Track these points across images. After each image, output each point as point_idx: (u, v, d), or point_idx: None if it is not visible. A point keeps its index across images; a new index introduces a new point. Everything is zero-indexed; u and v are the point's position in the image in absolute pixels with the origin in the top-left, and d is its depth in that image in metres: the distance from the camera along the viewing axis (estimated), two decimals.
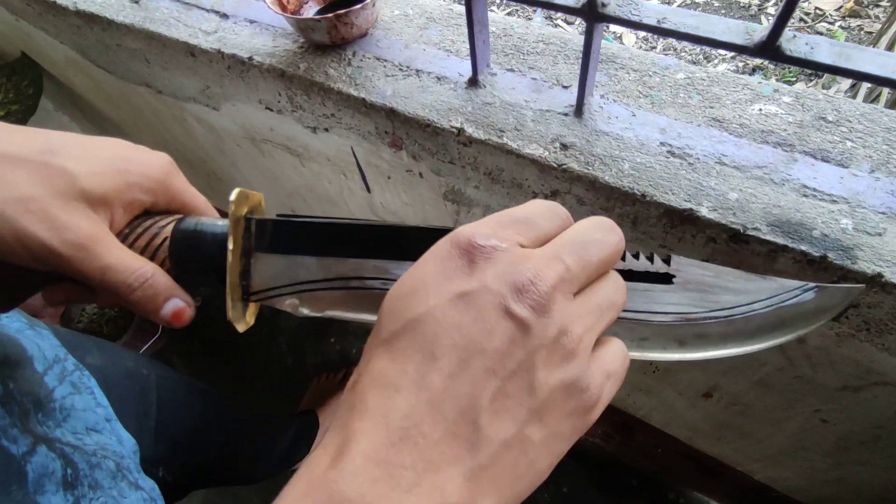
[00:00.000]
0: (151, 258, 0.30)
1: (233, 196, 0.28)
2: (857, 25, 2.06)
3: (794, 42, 0.35)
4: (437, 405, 0.20)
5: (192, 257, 0.30)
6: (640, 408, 0.92)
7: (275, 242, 0.29)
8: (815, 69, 0.35)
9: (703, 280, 0.27)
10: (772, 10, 2.15)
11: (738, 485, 0.92)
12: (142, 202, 0.31)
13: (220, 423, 0.81)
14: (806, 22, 2.10)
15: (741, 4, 2.25)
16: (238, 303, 0.29)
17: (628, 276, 0.27)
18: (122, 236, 0.30)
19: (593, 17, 0.41)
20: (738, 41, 0.37)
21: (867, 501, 0.71)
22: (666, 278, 0.27)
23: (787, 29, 0.35)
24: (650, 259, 0.28)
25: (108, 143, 0.31)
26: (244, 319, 0.30)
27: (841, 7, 2.10)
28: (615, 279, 0.25)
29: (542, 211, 0.25)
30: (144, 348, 1.43)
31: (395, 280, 0.25)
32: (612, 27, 2.15)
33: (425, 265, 0.23)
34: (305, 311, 0.29)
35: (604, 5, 0.40)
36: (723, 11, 2.25)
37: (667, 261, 0.28)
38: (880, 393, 0.50)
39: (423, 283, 0.23)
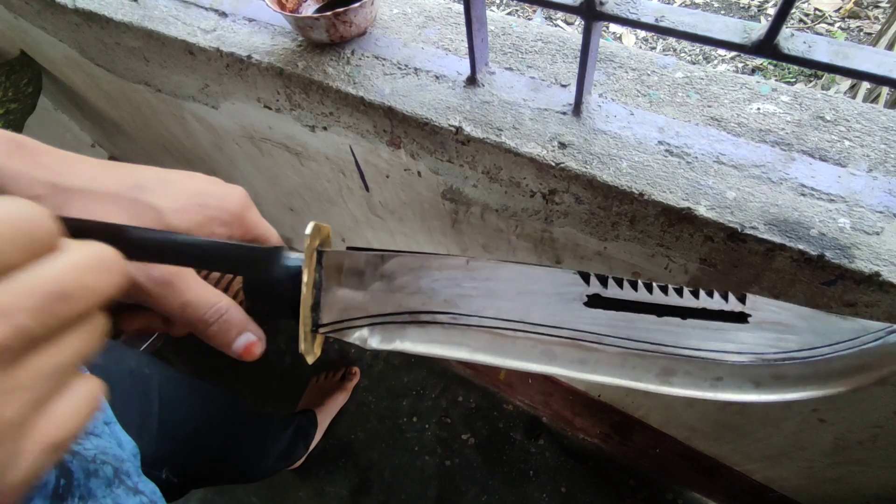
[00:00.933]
0: (226, 290, 0.32)
1: (308, 230, 0.29)
2: (857, 26, 2.06)
3: (792, 41, 0.35)
4: None
5: (267, 291, 0.30)
6: (639, 408, 0.92)
7: (347, 275, 0.30)
8: (813, 68, 0.35)
9: (780, 320, 0.26)
10: (771, 11, 2.15)
11: (737, 485, 0.92)
12: (219, 235, 0.32)
13: (221, 422, 0.81)
14: (805, 23, 2.10)
15: (741, 5, 2.25)
16: (309, 335, 0.30)
17: (702, 314, 0.26)
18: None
19: (592, 15, 0.41)
20: (736, 40, 0.37)
21: (865, 501, 0.71)
22: (741, 317, 0.26)
23: (784, 27, 0.35)
24: (724, 297, 0.27)
25: (189, 178, 0.32)
26: (313, 351, 0.31)
27: (840, 8, 2.11)
28: (87, 331, 0.19)
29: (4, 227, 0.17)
30: (144, 347, 1.42)
31: (465, 315, 0.25)
32: (612, 27, 2.15)
33: None
34: (374, 344, 0.29)
35: (602, 3, 0.40)
36: (722, 12, 2.25)
37: (742, 299, 0.27)
38: (878, 392, 0.50)
39: None
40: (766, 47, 0.36)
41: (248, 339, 0.31)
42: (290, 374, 1.47)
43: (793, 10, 2.13)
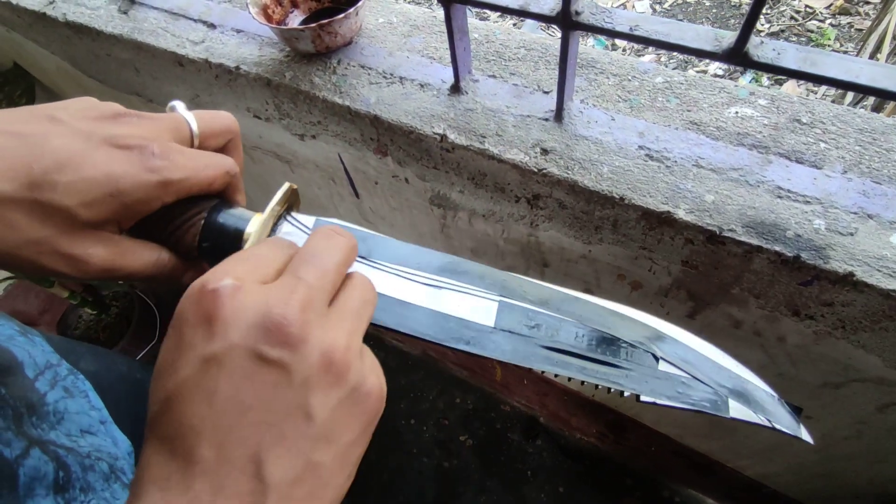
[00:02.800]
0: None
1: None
2: (848, 23, 2.07)
3: (762, 48, 0.36)
4: (214, 479, 0.20)
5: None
6: (632, 406, 0.93)
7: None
8: (782, 74, 0.36)
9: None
10: (764, 10, 2.16)
11: (730, 481, 0.92)
12: (150, 208, 0.29)
13: None
14: (797, 20, 2.11)
15: (732, 4, 2.26)
16: None
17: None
18: (157, 221, 0.30)
19: (568, 25, 0.41)
20: (708, 48, 0.37)
21: (854, 495, 0.72)
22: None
23: (754, 35, 0.36)
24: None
25: (92, 157, 0.28)
26: None
27: (831, 5, 2.12)
28: (359, 279, 0.26)
29: (267, 247, 0.26)
30: (141, 354, 1.43)
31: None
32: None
33: (168, 338, 0.23)
34: None
35: (578, 14, 0.41)
36: (714, 10, 2.26)
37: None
38: (859, 389, 0.50)
39: (169, 357, 0.22)
40: (737, 55, 0.36)
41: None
42: None
43: (783, 8, 2.14)
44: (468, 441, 1.32)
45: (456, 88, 0.53)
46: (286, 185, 0.32)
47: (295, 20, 0.61)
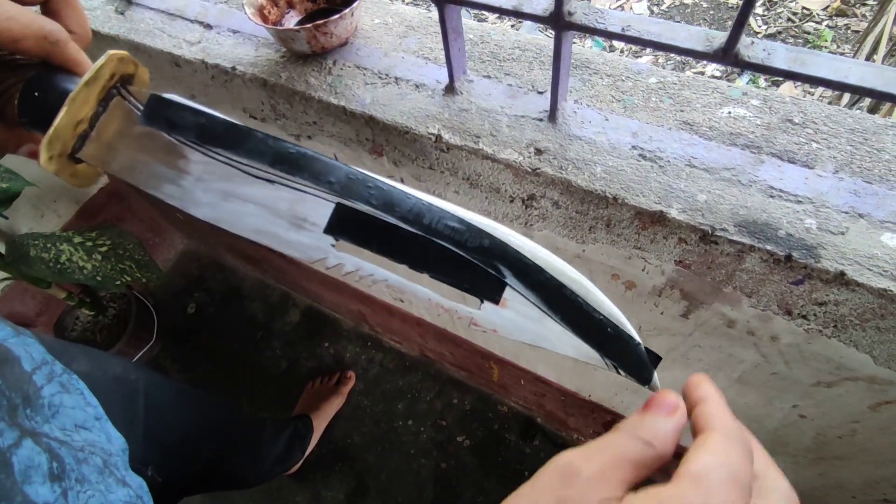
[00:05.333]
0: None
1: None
2: (844, 24, 2.07)
3: (752, 48, 0.36)
4: None
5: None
6: (629, 406, 0.93)
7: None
8: (773, 74, 0.36)
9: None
10: (759, 10, 2.17)
11: None
12: None
13: (212, 428, 0.82)
14: (793, 21, 2.12)
15: (729, 5, 2.27)
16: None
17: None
18: None
19: (560, 25, 0.42)
20: (699, 48, 0.38)
21: (850, 495, 0.72)
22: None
23: (744, 35, 0.36)
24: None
25: None
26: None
27: (828, 6, 2.12)
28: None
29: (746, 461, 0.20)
30: (139, 355, 1.43)
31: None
32: None
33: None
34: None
35: (570, 14, 0.41)
36: (711, 12, 2.26)
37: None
38: (852, 388, 0.51)
39: None
40: (728, 55, 0.37)
41: (30, 149, 0.32)
42: (285, 379, 1.48)
43: (780, 10, 2.14)
44: (466, 442, 1.32)
45: (451, 89, 0.54)
46: (110, 52, 0.29)
47: (291, 21, 0.61)
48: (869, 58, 1.54)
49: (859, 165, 0.44)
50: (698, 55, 0.38)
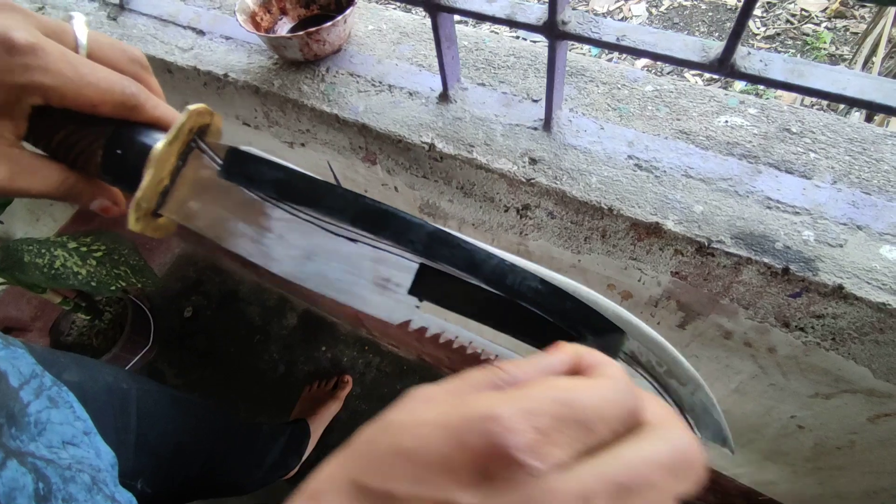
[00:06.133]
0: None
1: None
2: (843, 26, 2.07)
3: (749, 59, 0.36)
4: None
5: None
6: None
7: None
8: (769, 86, 0.35)
9: None
10: (758, 12, 2.16)
11: (726, 489, 0.92)
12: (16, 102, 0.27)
13: (206, 434, 0.81)
14: (792, 23, 2.11)
15: (728, 7, 2.26)
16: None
17: None
18: (50, 142, 0.29)
19: (555, 34, 0.41)
20: (695, 58, 0.37)
21: None
22: None
23: (740, 45, 0.35)
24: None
25: None
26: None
27: (827, 8, 2.12)
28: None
29: (612, 405, 0.17)
30: (135, 359, 1.43)
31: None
32: None
33: (428, 435, 0.17)
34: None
35: (564, 23, 0.40)
36: (710, 14, 2.26)
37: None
38: (850, 400, 0.50)
39: (411, 456, 0.16)
40: (724, 66, 0.36)
41: (102, 204, 0.32)
42: (282, 383, 1.47)
43: (779, 12, 2.14)
44: None
45: (445, 97, 0.53)
46: (189, 107, 0.29)
47: (283, 27, 0.60)
48: (868, 60, 1.54)
49: (857, 176, 0.43)
50: (694, 66, 0.37)
